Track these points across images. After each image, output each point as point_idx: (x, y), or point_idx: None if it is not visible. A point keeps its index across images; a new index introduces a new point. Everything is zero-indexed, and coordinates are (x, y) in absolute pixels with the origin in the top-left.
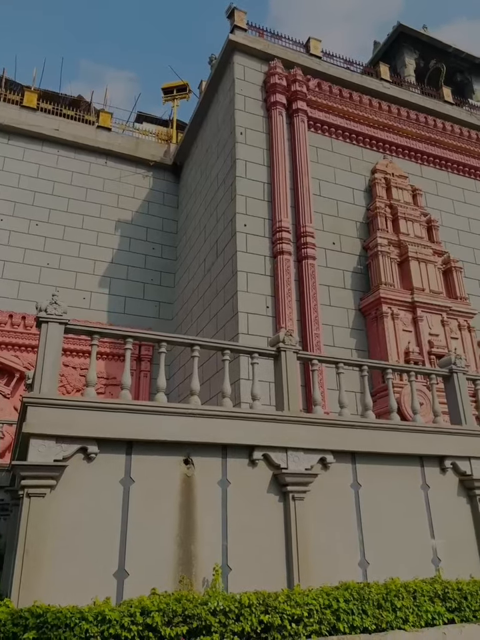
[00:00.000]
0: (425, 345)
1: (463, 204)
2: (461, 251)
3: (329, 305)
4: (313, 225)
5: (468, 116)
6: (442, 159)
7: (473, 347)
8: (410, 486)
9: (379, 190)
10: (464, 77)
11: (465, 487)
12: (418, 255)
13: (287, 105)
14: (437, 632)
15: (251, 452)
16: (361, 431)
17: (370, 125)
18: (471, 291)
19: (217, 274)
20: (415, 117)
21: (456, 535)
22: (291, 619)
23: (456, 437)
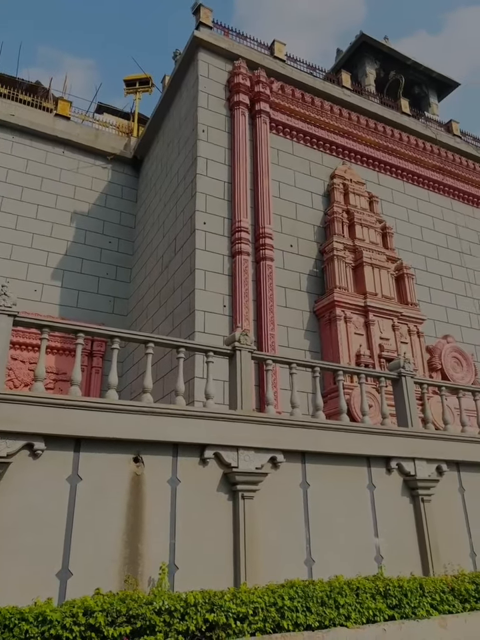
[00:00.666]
0: (376, 348)
1: (416, 213)
2: (414, 258)
3: (285, 306)
4: (272, 226)
5: (424, 128)
6: (398, 168)
7: (422, 351)
8: (357, 486)
9: (336, 195)
10: (421, 89)
11: (409, 487)
12: (372, 260)
13: (250, 105)
14: (378, 628)
15: (202, 451)
16: (311, 431)
17: (330, 130)
18: (421, 298)
19: (175, 271)
20: (374, 125)
21: (398, 533)
22: (236, 618)
23: (402, 439)
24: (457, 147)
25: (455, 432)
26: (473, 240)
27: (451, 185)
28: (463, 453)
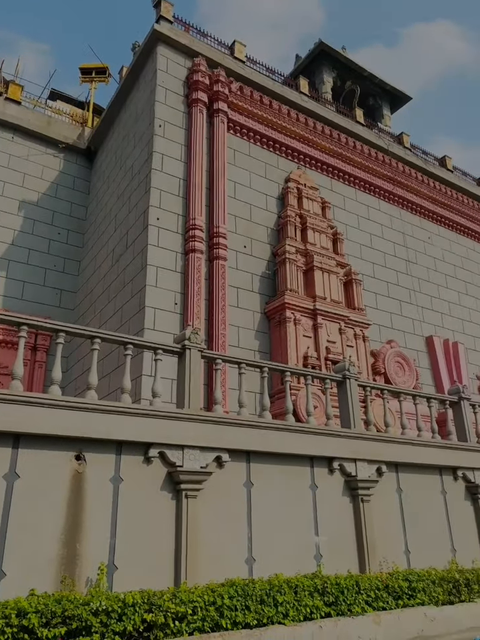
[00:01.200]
0: (323, 350)
1: (367, 220)
2: (362, 264)
3: (237, 306)
4: (226, 226)
5: (376, 138)
6: (351, 176)
7: (366, 355)
8: (300, 485)
9: (290, 199)
10: (376, 101)
11: (350, 487)
12: (322, 265)
13: (208, 104)
14: (314, 625)
15: (146, 449)
16: (257, 430)
17: (287, 134)
18: (368, 303)
19: (126, 266)
20: (329, 132)
21: (338, 532)
22: (174, 617)
23: (344, 440)
24: (407, 158)
25: (395, 434)
26: (419, 249)
27: (400, 195)
28: (401, 455)
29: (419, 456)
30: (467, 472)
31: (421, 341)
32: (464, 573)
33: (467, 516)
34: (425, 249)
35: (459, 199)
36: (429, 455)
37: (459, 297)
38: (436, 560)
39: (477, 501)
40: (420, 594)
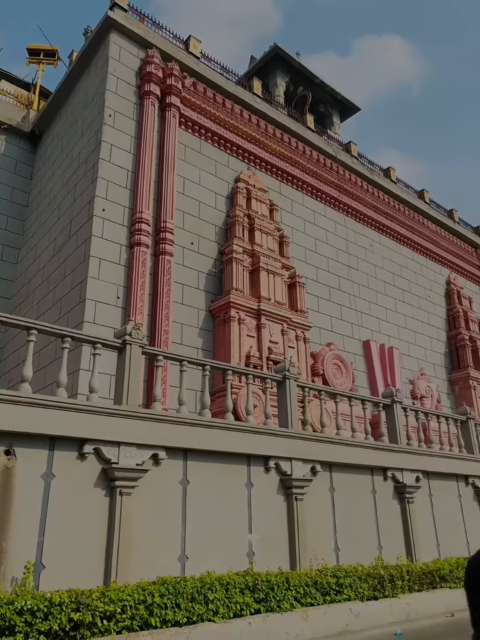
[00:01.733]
0: (265, 350)
1: (312, 225)
2: (306, 268)
3: (182, 303)
4: (174, 221)
5: (326, 145)
6: (299, 180)
7: (306, 356)
8: (236, 484)
9: (239, 199)
10: (326, 108)
11: (285, 485)
12: (268, 266)
13: (161, 97)
14: (243, 622)
15: (81, 445)
16: (196, 428)
17: (238, 134)
18: (310, 306)
19: (68, 256)
20: (280, 135)
21: (271, 530)
22: (103, 616)
23: (281, 439)
24: (354, 167)
25: (330, 434)
26: (360, 256)
27: (345, 202)
28: (336, 455)
29: (352, 456)
30: (396, 472)
31: (358, 345)
32: (389, 569)
33: (394, 514)
34: (366, 256)
35: (400, 210)
36: (362, 456)
37: (395, 304)
38: (363, 557)
39: (404, 500)
40: (347, 590)
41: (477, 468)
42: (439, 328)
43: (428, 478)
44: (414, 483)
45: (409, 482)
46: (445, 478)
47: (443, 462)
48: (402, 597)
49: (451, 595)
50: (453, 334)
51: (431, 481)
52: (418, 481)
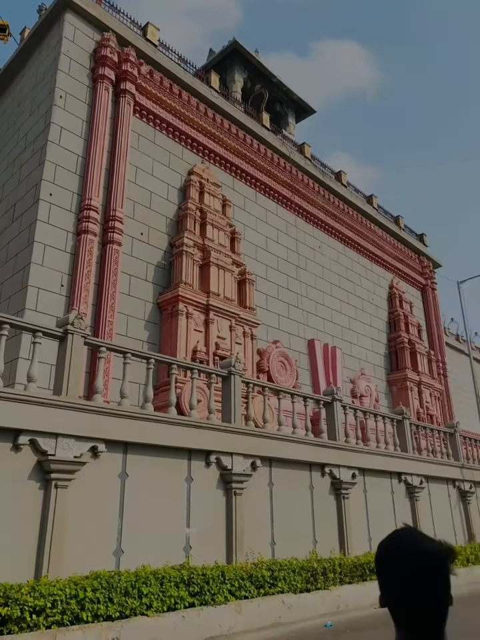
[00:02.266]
0: (212, 346)
1: (264, 223)
2: (256, 265)
3: (128, 294)
4: (124, 210)
5: (280, 145)
6: (253, 178)
7: (253, 353)
8: (176, 478)
9: (192, 192)
10: (282, 108)
11: (224, 480)
12: (219, 261)
13: (115, 82)
14: (177, 615)
15: (16, 436)
16: (137, 422)
17: (194, 127)
18: (259, 303)
19: (10, 240)
20: (236, 131)
21: (209, 524)
22: (32, 611)
23: (223, 434)
24: (307, 168)
25: (272, 430)
26: (309, 256)
27: (297, 203)
28: (276, 450)
29: (292, 452)
30: (334, 469)
31: (303, 344)
32: (322, 563)
33: (329, 509)
34: (314, 256)
35: (349, 213)
36: (301, 452)
37: (340, 305)
38: (299, 550)
39: (340, 495)
40: (281, 583)
41: (410, 466)
42: (380, 330)
43: (364, 474)
44: (350, 479)
45: (346, 478)
46: (379, 475)
47: (379, 459)
48: (333, 589)
49: None
50: (393, 336)
51: (366, 477)
52: (354, 478)
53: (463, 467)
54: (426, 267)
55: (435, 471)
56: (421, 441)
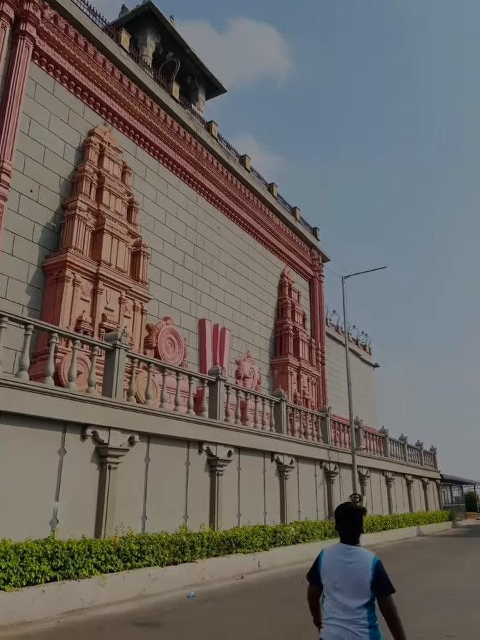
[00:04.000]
0: (99, 317)
1: (164, 196)
2: (153, 239)
3: (11, 254)
4: (12, 163)
5: (188, 119)
6: (157, 148)
7: (142, 328)
8: (48, 450)
9: (91, 154)
10: (193, 82)
11: (100, 454)
12: (113, 230)
13: (14, 22)
14: (37, 590)
15: None
16: (8, 390)
17: (98, 85)
18: (152, 278)
19: None
20: (143, 98)
21: (80, 497)
22: None
23: (102, 408)
24: (212, 147)
25: (153, 406)
26: (207, 236)
27: (200, 181)
28: (155, 426)
29: (171, 429)
30: (211, 446)
31: (194, 322)
32: (191, 537)
33: (203, 486)
34: (213, 237)
35: (249, 198)
36: (181, 429)
37: (234, 288)
38: (170, 525)
39: (215, 472)
40: (148, 556)
41: (283, 446)
42: (268, 315)
43: (239, 453)
44: (226, 457)
45: (222, 456)
46: (254, 454)
47: (255, 439)
48: (200, 562)
49: (244, 559)
50: (279, 323)
51: (241, 455)
52: (230, 455)
53: (331, 449)
54: (316, 260)
55: (305, 452)
56: (295, 423)
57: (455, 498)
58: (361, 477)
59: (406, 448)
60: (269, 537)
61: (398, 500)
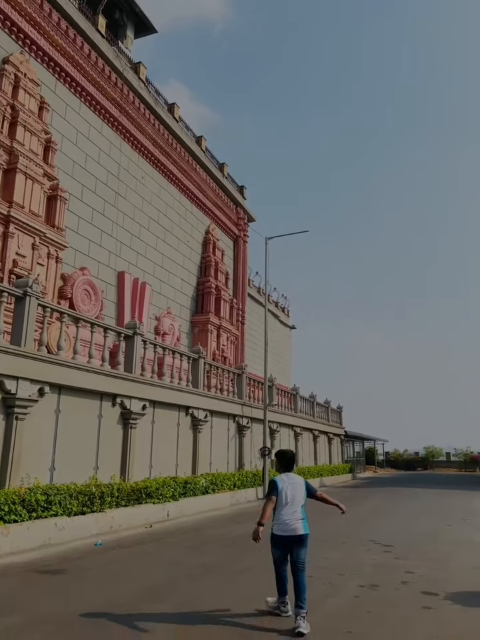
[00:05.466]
0: (9, 263)
1: (86, 139)
2: (71, 183)
3: None
4: None
5: (115, 57)
6: (79, 85)
7: (56, 277)
8: None
9: (4, 84)
10: (122, 17)
11: (7, 404)
12: (27, 170)
13: None
14: None
15: None
16: None
17: (15, 8)
18: (69, 225)
19: None
20: (65, 28)
21: None
22: None
23: (9, 357)
24: (140, 91)
25: (65, 358)
26: (131, 185)
27: (125, 126)
28: (67, 378)
29: (84, 381)
30: (125, 400)
31: (113, 275)
32: (101, 487)
33: (116, 438)
34: (136, 187)
35: (177, 149)
36: (94, 381)
37: (156, 241)
38: (80, 476)
39: (128, 425)
40: (55, 506)
41: (198, 401)
42: (191, 272)
43: (154, 407)
44: (140, 411)
45: (136, 409)
46: (169, 408)
47: (170, 393)
48: (108, 512)
49: (153, 509)
50: (202, 280)
51: (156, 409)
52: (144, 409)
53: (244, 405)
54: (241, 219)
55: (219, 407)
56: (212, 379)
57: (357, 453)
58: (272, 431)
59: (315, 405)
60: (180, 488)
61: (305, 454)
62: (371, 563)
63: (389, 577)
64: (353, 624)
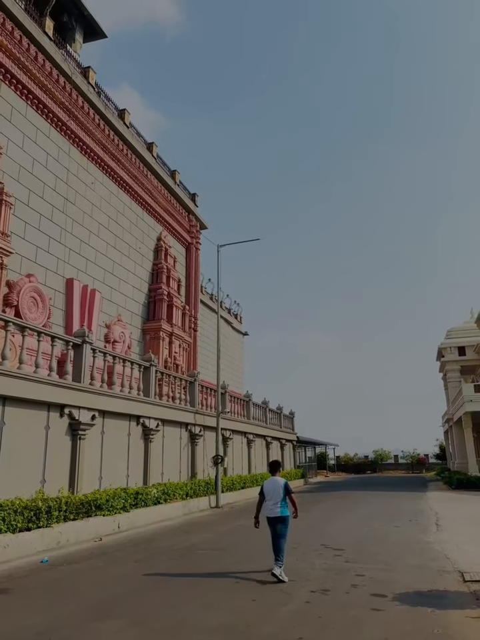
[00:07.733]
0: None
1: (33, 143)
2: (17, 188)
3: None
4: None
5: (62, 60)
6: (26, 88)
7: (1, 284)
8: None
9: None
10: (70, 20)
11: None
12: None
13: None
14: None
15: None
16: None
17: None
18: (15, 230)
19: None
20: (11, 29)
21: None
22: None
23: None
24: (89, 96)
25: (10, 367)
26: (80, 191)
27: (73, 131)
28: (12, 389)
29: (29, 391)
30: (74, 410)
31: (61, 282)
32: (48, 501)
33: (64, 450)
34: (85, 192)
35: (127, 156)
36: (40, 392)
37: (106, 248)
38: (26, 490)
39: (77, 436)
40: None
41: (149, 410)
42: (142, 279)
43: (104, 417)
44: (89, 421)
45: (85, 420)
46: (119, 417)
47: (120, 403)
48: (56, 527)
49: (103, 521)
50: (154, 287)
51: (106, 419)
52: (93, 419)
53: (197, 412)
54: (193, 226)
55: (171, 415)
56: (164, 387)
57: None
58: (224, 439)
59: (267, 411)
60: (130, 499)
61: (257, 460)
62: (322, 567)
63: (340, 581)
64: (304, 630)
